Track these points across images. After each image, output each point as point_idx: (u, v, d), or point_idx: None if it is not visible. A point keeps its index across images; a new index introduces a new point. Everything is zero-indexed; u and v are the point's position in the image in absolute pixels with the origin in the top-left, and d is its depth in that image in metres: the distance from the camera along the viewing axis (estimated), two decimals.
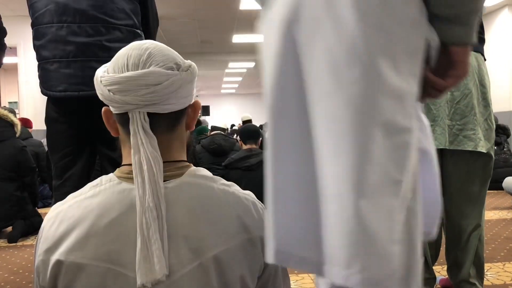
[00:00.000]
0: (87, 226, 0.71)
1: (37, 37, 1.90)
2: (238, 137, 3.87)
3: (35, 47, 1.91)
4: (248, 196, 0.81)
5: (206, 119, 9.05)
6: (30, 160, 3.53)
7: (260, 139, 3.61)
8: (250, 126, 3.72)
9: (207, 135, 5.08)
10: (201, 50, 9.64)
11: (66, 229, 0.73)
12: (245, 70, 12.51)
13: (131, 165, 0.74)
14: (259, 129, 3.76)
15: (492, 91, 1.79)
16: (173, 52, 0.79)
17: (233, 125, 13.69)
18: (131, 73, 0.73)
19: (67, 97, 1.85)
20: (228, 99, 19.69)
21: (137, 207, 0.70)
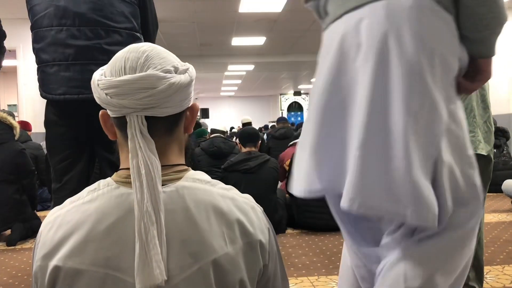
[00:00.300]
0: (85, 231, 0.71)
1: (36, 40, 1.90)
2: (237, 140, 3.86)
3: (35, 50, 1.91)
4: (247, 200, 0.80)
5: (205, 122, 9.07)
6: (29, 162, 3.51)
7: (259, 142, 3.60)
8: (249, 129, 3.72)
9: (207, 138, 5.07)
10: (201, 52, 9.65)
11: (64, 234, 0.72)
12: (244, 72, 12.52)
13: (129, 169, 0.73)
14: (258, 132, 3.76)
15: (491, 93, 1.80)
16: (171, 54, 0.79)
17: (232, 127, 13.70)
18: (129, 76, 0.72)
19: (66, 100, 1.85)
20: (227, 101, 19.71)
21: (135, 212, 0.69)
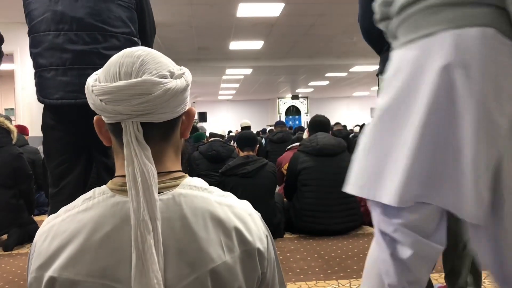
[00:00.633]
0: (81, 241, 0.69)
1: (34, 45, 1.89)
2: (235, 144, 3.86)
3: (32, 55, 1.91)
4: (245, 207, 0.79)
5: (203, 126, 9.06)
6: (26, 167, 3.49)
7: (257, 146, 3.59)
8: (247, 133, 3.71)
9: (205, 142, 5.07)
10: (198, 57, 9.67)
11: (59, 244, 0.71)
12: (242, 76, 12.53)
13: (124, 176, 0.71)
14: (256, 136, 3.75)
15: None
16: (166, 58, 0.77)
17: (230, 131, 13.71)
18: (123, 82, 0.70)
19: (63, 105, 1.85)
20: (225, 105, 19.73)
21: (131, 221, 0.68)
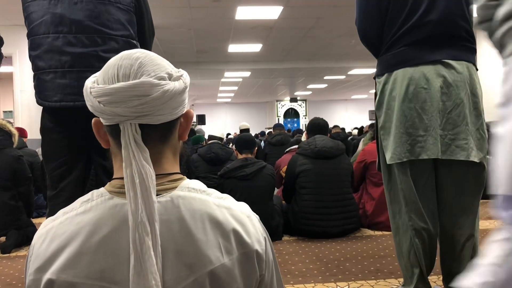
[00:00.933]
0: (79, 243, 0.69)
1: (33, 47, 1.90)
2: (234, 146, 3.86)
3: (31, 57, 1.91)
4: (243, 209, 0.79)
5: (202, 128, 9.06)
6: (26, 169, 3.50)
7: (255, 148, 3.59)
8: (245, 135, 3.71)
9: (203, 145, 5.07)
10: (197, 59, 9.68)
11: (57, 247, 0.71)
12: (240, 79, 12.55)
13: (122, 178, 0.71)
14: (255, 139, 3.75)
15: (486, 100, 1.80)
16: (164, 61, 0.77)
17: (228, 134, 13.72)
18: (122, 84, 0.70)
19: (62, 107, 1.85)
20: (224, 108, 19.74)
21: (129, 223, 0.68)
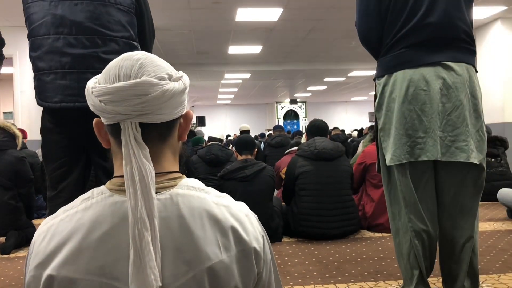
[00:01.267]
0: (79, 239, 0.70)
1: (33, 48, 1.90)
2: (233, 148, 3.86)
3: (31, 58, 1.92)
4: (241, 207, 0.80)
5: (201, 130, 9.07)
6: (28, 171, 3.51)
7: (255, 150, 3.60)
8: (245, 137, 3.71)
9: (203, 146, 5.07)
10: (197, 61, 9.68)
11: (57, 244, 0.71)
12: (240, 81, 12.55)
13: (122, 177, 0.73)
14: (255, 140, 3.75)
15: (485, 102, 1.81)
16: (165, 62, 0.79)
17: (228, 135, 13.73)
18: (123, 83, 0.72)
19: (62, 108, 1.86)
20: (223, 109, 19.75)
21: (129, 218, 0.69)
